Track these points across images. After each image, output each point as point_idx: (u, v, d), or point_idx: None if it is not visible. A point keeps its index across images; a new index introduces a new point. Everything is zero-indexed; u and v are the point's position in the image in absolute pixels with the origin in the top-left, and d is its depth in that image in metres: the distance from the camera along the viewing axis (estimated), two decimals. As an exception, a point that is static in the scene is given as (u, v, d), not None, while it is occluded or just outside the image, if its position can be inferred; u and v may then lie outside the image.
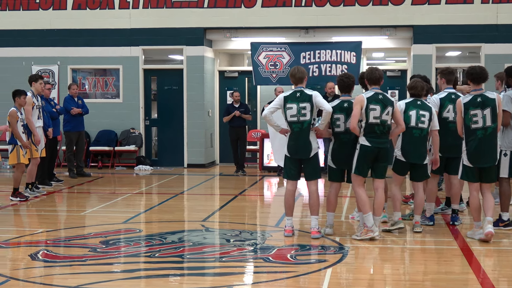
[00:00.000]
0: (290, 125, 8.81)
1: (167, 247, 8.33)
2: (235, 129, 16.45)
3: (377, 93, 8.72)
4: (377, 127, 8.66)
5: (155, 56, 18.71)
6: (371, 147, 8.65)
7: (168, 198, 12.75)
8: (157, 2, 17.67)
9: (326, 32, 17.48)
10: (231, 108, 16.46)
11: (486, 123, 8.61)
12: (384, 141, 8.75)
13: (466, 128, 8.71)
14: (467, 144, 8.71)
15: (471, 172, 8.77)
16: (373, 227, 8.59)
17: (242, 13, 17.40)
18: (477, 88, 8.72)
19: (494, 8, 16.62)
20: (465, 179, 8.88)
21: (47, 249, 8.33)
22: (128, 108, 18.03)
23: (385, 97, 8.74)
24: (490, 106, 8.61)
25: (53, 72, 18.02)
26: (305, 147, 8.82)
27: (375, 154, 8.72)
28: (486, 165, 8.72)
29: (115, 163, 17.99)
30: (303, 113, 8.72)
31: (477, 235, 8.73)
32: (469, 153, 8.69)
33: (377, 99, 8.67)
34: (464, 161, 8.77)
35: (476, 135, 8.63)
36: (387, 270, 7.60)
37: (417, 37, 16.89)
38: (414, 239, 8.98)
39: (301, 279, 7.00)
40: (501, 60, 16.46)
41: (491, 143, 8.70)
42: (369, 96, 8.69)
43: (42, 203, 12.10)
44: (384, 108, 8.65)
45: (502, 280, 6.99)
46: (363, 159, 8.72)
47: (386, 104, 8.68)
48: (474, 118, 8.62)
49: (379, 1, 16.96)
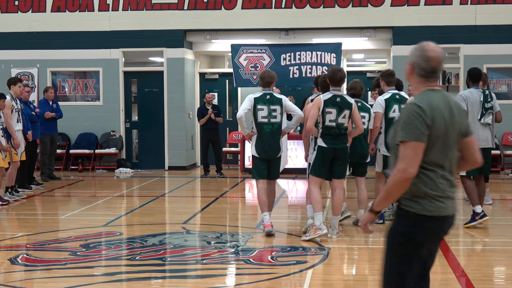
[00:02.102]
0: (261, 126, 9.14)
1: (148, 250, 8.32)
2: (208, 132, 16.30)
3: (335, 96, 8.80)
4: (333, 130, 8.78)
5: (135, 58, 18.67)
6: (327, 148, 8.79)
7: (149, 201, 12.72)
8: (137, 4, 17.63)
9: (306, 34, 17.53)
10: (204, 110, 16.34)
11: None
12: (341, 142, 8.84)
13: None
14: None
15: None
16: (321, 225, 8.70)
17: (222, 15, 17.40)
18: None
19: (472, 9, 16.75)
20: None
21: (27, 253, 8.29)
22: (108, 111, 17.96)
23: (343, 100, 8.80)
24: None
25: (33, 75, 17.93)
26: (274, 148, 9.20)
27: (332, 155, 8.83)
28: None
29: (96, 166, 17.91)
30: (273, 115, 9.14)
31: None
32: None
33: (334, 102, 8.76)
34: None
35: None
36: (368, 270, 7.64)
37: (397, 38, 16.98)
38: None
39: (282, 280, 7.02)
40: (480, 61, 16.61)
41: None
42: (327, 99, 8.79)
43: (22, 207, 12.03)
44: (340, 112, 8.76)
45: (482, 280, 7.04)
46: (320, 160, 8.83)
47: (343, 107, 8.77)
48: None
49: (358, 3, 17.03)
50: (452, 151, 4.12)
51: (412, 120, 3.98)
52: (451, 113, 4.09)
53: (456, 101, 4.22)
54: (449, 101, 4.13)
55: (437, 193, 4.04)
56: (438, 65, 4.12)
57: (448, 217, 4.12)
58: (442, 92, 4.16)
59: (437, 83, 4.19)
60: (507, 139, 16.73)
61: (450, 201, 4.11)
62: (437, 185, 4.05)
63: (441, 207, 4.06)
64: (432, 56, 4.10)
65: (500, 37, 16.69)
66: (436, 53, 4.11)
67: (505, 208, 11.76)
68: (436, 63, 4.10)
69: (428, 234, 4.10)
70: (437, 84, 4.19)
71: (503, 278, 7.41)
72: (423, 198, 4.04)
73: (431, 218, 4.05)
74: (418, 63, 4.13)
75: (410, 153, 3.95)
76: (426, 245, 4.12)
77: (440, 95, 4.11)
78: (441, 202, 4.06)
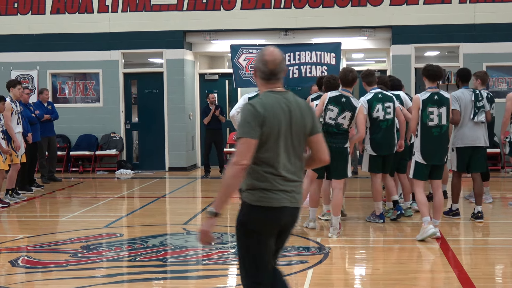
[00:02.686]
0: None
1: (149, 251, 8.33)
2: (211, 131, 16.40)
3: (342, 95, 8.90)
4: (331, 128, 8.89)
5: (135, 59, 18.67)
6: None
7: (149, 202, 12.73)
8: (136, 6, 17.64)
9: (306, 34, 17.54)
10: (208, 110, 16.42)
11: (441, 121, 8.74)
12: (338, 142, 8.89)
13: (421, 125, 8.77)
14: (421, 142, 8.77)
15: (424, 169, 8.80)
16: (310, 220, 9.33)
17: (221, 15, 17.41)
18: (433, 86, 8.83)
19: (471, 8, 16.75)
20: (417, 178, 8.84)
21: (28, 255, 8.30)
22: (108, 112, 17.97)
23: (347, 101, 8.88)
24: (445, 104, 8.76)
25: (33, 77, 17.94)
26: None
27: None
28: (439, 163, 8.84)
29: (96, 167, 17.93)
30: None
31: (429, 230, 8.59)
32: (423, 151, 8.75)
33: (338, 101, 8.86)
34: (417, 159, 8.82)
35: (432, 132, 8.74)
36: (368, 270, 7.65)
37: (396, 38, 16.98)
38: (394, 239, 9.04)
39: (282, 280, 7.01)
40: (479, 59, 16.63)
41: (445, 142, 8.89)
42: (331, 96, 8.93)
43: (22, 209, 12.04)
44: (342, 112, 8.85)
45: (482, 278, 7.05)
46: None
47: (345, 108, 8.85)
48: (431, 116, 8.72)
49: (357, 2, 17.04)
50: (292, 148, 4.42)
51: (246, 119, 4.31)
52: (290, 114, 4.40)
53: (303, 102, 4.52)
54: (291, 102, 4.43)
55: (270, 187, 4.37)
56: (275, 68, 4.42)
57: (284, 208, 4.42)
58: (284, 94, 4.46)
59: (279, 85, 4.48)
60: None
61: (286, 194, 4.41)
62: (268, 179, 4.37)
63: (274, 199, 4.38)
64: (268, 60, 4.42)
65: (499, 35, 16.69)
66: (273, 57, 4.42)
67: (505, 207, 11.76)
68: (273, 66, 4.42)
69: (262, 223, 4.41)
70: (279, 85, 4.48)
71: (503, 276, 7.41)
72: (256, 189, 4.38)
73: (263, 208, 4.38)
74: (258, 67, 4.47)
75: (243, 148, 4.27)
76: (264, 233, 4.42)
77: (279, 97, 4.42)
78: (275, 194, 4.38)
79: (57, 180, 15.68)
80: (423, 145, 8.72)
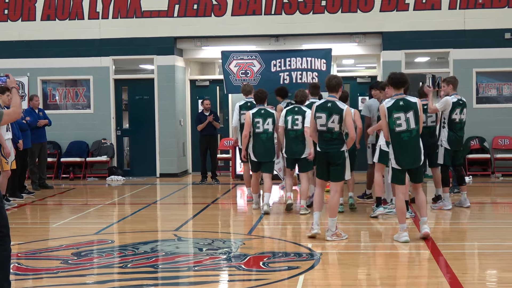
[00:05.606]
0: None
1: (140, 257, 8.31)
2: (206, 138, 16.42)
3: (327, 101, 9.13)
4: (324, 134, 9.12)
5: (125, 66, 18.66)
6: (320, 152, 9.22)
7: (140, 208, 12.71)
8: (126, 12, 17.64)
9: (296, 40, 17.58)
10: (202, 116, 16.45)
11: (410, 125, 8.87)
12: (333, 147, 9.09)
13: (390, 132, 8.97)
14: (393, 148, 8.97)
15: (399, 174, 9.01)
16: (314, 225, 9.16)
17: (212, 22, 17.43)
18: (398, 93, 8.99)
19: (461, 14, 16.83)
20: (394, 182, 9.07)
21: (19, 262, 8.26)
22: (99, 119, 17.95)
23: (334, 105, 9.07)
24: (412, 109, 8.90)
25: (23, 83, 17.89)
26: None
27: (326, 158, 9.15)
28: (413, 166, 8.98)
29: (87, 174, 17.89)
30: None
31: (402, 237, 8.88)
32: (396, 157, 8.93)
33: (324, 107, 9.10)
34: (393, 164, 9.01)
35: (401, 138, 8.86)
36: (359, 275, 7.65)
37: (386, 44, 17.05)
38: (385, 244, 9.06)
39: (273, 286, 7.02)
40: (469, 65, 16.72)
41: (417, 145, 8.97)
42: (318, 104, 9.22)
43: (13, 216, 11.98)
44: (330, 116, 9.04)
45: (473, 283, 7.07)
46: (318, 163, 9.40)
47: (332, 112, 9.03)
48: (398, 121, 8.87)
49: (348, 8, 17.09)
50: None
51: None
52: None
53: None
54: None
55: None
56: None
57: None
58: None
59: None
60: (497, 142, 16.79)
61: None
62: None
63: None
64: None
65: (489, 41, 16.78)
66: None
67: (495, 212, 11.79)
68: None
69: None
70: None
71: (495, 282, 7.43)
72: None
73: None
74: None
75: None
76: None
77: None
78: None
79: (48, 187, 15.65)
80: (395, 151, 8.95)
